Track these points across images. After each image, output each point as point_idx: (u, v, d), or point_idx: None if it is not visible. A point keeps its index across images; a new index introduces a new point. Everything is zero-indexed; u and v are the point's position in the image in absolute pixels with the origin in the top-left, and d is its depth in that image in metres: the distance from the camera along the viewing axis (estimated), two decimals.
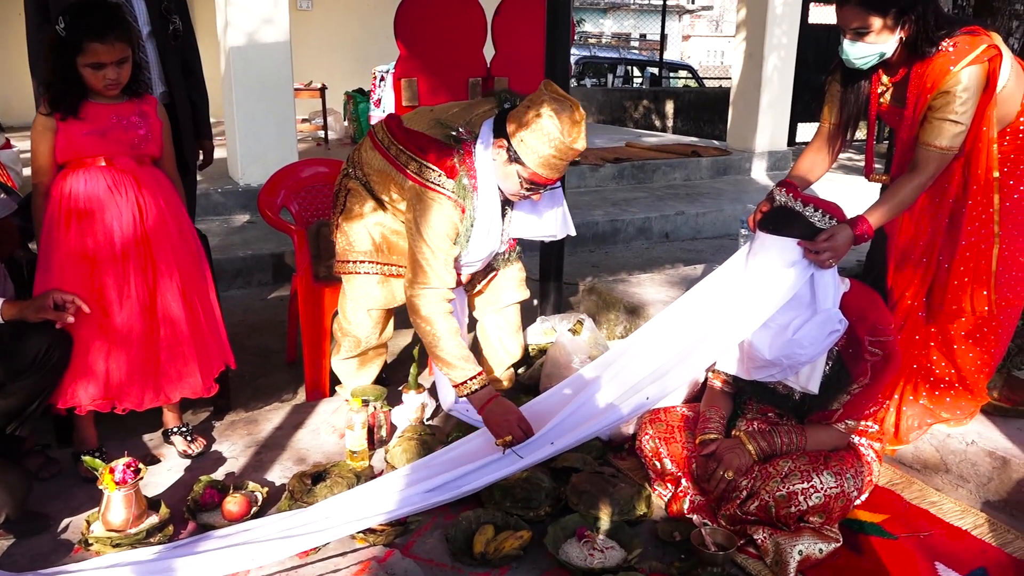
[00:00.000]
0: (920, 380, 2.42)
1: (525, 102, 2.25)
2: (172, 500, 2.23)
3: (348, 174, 2.63)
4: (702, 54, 33.94)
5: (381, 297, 2.64)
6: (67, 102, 2.23)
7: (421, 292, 2.36)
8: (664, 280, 3.84)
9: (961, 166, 2.22)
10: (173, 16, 2.85)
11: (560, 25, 3.25)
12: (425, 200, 2.34)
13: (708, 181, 7.07)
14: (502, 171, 2.30)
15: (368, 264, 2.60)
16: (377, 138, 2.54)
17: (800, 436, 2.16)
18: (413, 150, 2.39)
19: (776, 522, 2.04)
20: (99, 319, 2.25)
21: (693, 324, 2.33)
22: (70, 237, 2.25)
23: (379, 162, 2.50)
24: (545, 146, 2.17)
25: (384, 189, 2.51)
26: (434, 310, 2.36)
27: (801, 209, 2.13)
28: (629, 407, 2.34)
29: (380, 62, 7.49)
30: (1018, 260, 2.29)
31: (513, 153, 2.23)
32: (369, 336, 2.70)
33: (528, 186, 2.29)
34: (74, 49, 2.18)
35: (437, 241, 2.35)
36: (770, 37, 7.26)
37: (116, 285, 2.27)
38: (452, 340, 2.35)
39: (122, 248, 2.28)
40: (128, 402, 2.31)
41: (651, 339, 2.43)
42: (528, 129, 2.18)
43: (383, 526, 2.09)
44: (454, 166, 2.33)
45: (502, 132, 2.26)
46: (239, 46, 5.14)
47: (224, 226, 5.05)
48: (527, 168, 2.22)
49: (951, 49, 2.10)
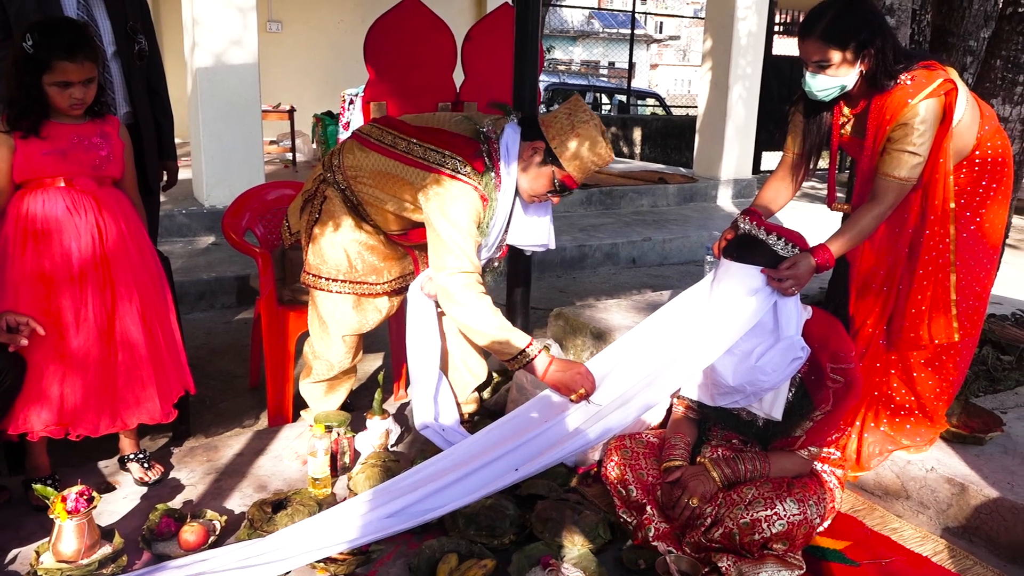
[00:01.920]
0: (881, 407, 2.45)
1: (561, 110, 2.37)
2: (127, 529, 2.17)
3: (326, 179, 2.56)
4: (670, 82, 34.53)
5: (355, 322, 2.61)
6: (30, 120, 2.19)
7: (453, 277, 2.33)
8: (631, 306, 3.86)
9: (919, 197, 2.27)
10: (139, 36, 2.83)
11: (529, 52, 3.28)
12: (450, 189, 2.33)
13: (675, 208, 7.16)
14: (533, 171, 2.37)
15: (340, 283, 2.56)
16: (371, 138, 2.48)
17: (764, 463, 2.17)
18: (436, 143, 2.38)
19: (740, 549, 2.04)
20: (55, 342, 2.19)
21: (659, 349, 2.34)
22: (26, 258, 2.20)
23: (376, 162, 2.44)
24: (586, 152, 2.31)
25: (380, 190, 2.44)
26: (470, 293, 2.33)
27: (764, 237, 2.16)
28: (595, 432, 2.34)
29: (349, 85, 7.51)
30: (974, 289, 2.34)
31: (551, 156, 2.32)
32: (342, 360, 2.67)
33: (555, 189, 2.38)
34: (41, 67, 2.14)
35: (464, 225, 2.33)
36: (735, 67, 7.41)
37: (73, 308, 2.22)
38: (495, 318, 2.33)
39: (80, 270, 2.23)
40: (83, 428, 2.25)
41: (617, 364, 2.43)
42: (571, 134, 2.31)
43: (344, 555, 2.05)
44: (483, 160, 2.36)
45: (536, 135, 2.35)
46: (207, 67, 5.12)
47: (188, 248, 4.99)
48: (562, 171, 2.33)
49: (909, 83, 2.15)
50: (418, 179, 2.38)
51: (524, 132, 2.39)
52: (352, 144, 2.53)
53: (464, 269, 2.34)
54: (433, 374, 2.69)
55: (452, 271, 2.33)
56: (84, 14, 2.69)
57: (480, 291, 2.36)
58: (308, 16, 9.75)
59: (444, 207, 2.33)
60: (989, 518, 2.19)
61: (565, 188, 2.39)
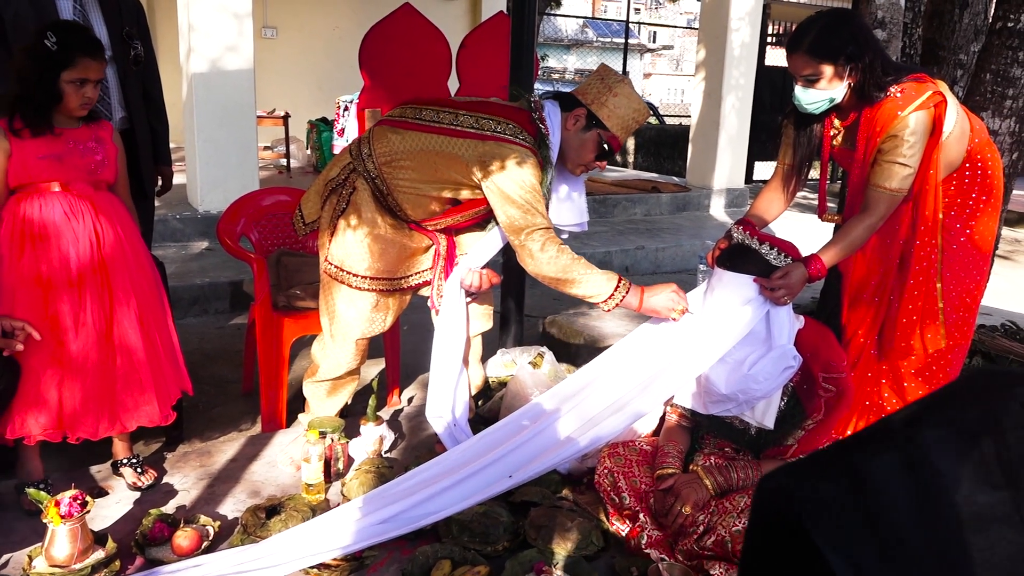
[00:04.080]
0: (872, 416, 2.47)
1: (592, 78, 2.44)
2: (120, 534, 2.17)
3: (355, 169, 2.50)
4: (663, 92, 34.71)
5: (375, 324, 2.60)
6: (44, 116, 2.22)
7: (532, 236, 2.32)
8: (624, 314, 3.88)
9: (910, 208, 2.30)
10: (135, 41, 2.84)
11: (524, 60, 3.30)
12: (514, 153, 2.32)
13: (668, 217, 7.19)
14: (578, 139, 2.42)
15: (362, 279, 2.52)
16: (406, 119, 2.43)
17: (756, 471, 2.18)
18: (488, 112, 2.39)
19: (733, 557, 2.04)
20: (53, 347, 2.20)
21: (651, 357, 2.35)
22: (23, 263, 2.20)
23: (417, 142, 2.39)
24: (626, 108, 2.38)
25: (420, 172, 2.40)
26: (552, 248, 2.31)
27: (757, 247, 2.18)
28: (587, 439, 2.34)
29: (344, 91, 7.52)
30: (964, 300, 2.36)
31: (594, 119, 2.38)
32: (351, 361, 2.65)
33: (601, 152, 2.44)
34: (63, 63, 2.20)
35: (532, 184, 2.33)
36: (728, 78, 7.45)
37: (72, 312, 2.22)
38: (579, 264, 2.32)
39: (78, 275, 2.24)
40: (83, 431, 2.25)
41: (610, 371, 2.44)
42: (609, 94, 2.38)
43: (337, 561, 2.05)
44: (536, 128, 2.39)
45: (574, 104, 2.42)
46: (202, 72, 5.12)
47: (182, 253, 4.98)
48: (607, 132, 2.39)
49: (899, 95, 2.17)
50: (471, 150, 2.34)
51: (562, 104, 2.44)
52: (383, 130, 2.47)
53: (541, 226, 2.33)
54: (456, 366, 2.66)
55: (530, 229, 2.32)
56: (80, 19, 2.70)
57: (560, 243, 2.35)
58: (303, 22, 9.76)
59: (509, 171, 2.32)
60: None
61: (610, 151, 2.44)
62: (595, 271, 2.34)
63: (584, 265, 2.34)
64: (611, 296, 2.33)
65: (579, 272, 2.33)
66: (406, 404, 3.25)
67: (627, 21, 14.36)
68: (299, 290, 2.96)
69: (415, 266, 2.63)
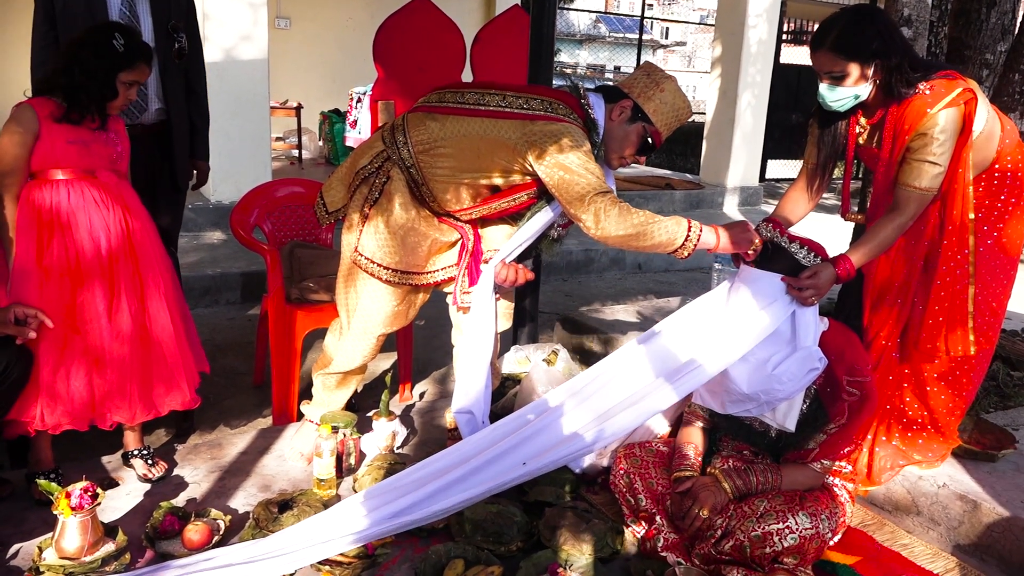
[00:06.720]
0: (893, 421, 2.42)
1: (638, 73, 2.46)
2: (130, 526, 2.15)
3: (389, 157, 2.43)
4: None
5: (399, 319, 2.56)
6: (101, 110, 2.29)
7: (595, 200, 2.26)
8: (638, 312, 3.84)
9: (937, 209, 2.25)
10: (180, 34, 2.82)
11: (544, 54, 3.27)
12: (567, 130, 2.29)
13: (681, 214, 7.13)
14: (622, 131, 2.41)
15: (392, 272, 2.46)
16: (445, 104, 2.37)
17: (776, 475, 2.15)
18: (537, 93, 2.38)
19: (750, 562, 2.01)
20: (76, 336, 2.20)
21: (672, 353, 2.31)
22: (52, 251, 2.21)
23: (459, 127, 2.32)
24: (671, 104, 2.39)
25: (460, 159, 2.34)
26: (615, 209, 2.25)
27: (787, 245, 2.14)
28: (603, 432, 2.29)
29: (357, 83, 7.49)
30: (990, 304, 2.31)
31: (640, 112, 2.38)
32: (368, 355, 2.59)
33: (643, 145, 2.44)
34: (126, 64, 2.29)
35: (585, 152, 2.29)
36: (744, 75, 7.38)
37: (105, 298, 2.25)
38: (646, 216, 2.27)
39: (110, 261, 2.27)
40: (119, 416, 2.29)
41: (627, 366, 2.41)
42: (656, 89, 2.39)
43: (349, 559, 2.03)
44: (585, 112, 2.39)
45: (620, 96, 2.41)
46: (216, 62, 5.09)
47: (193, 243, 4.97)
48: (651, 126, 2.39)
49: (928, 92, 2.12)
50: (518, 131, 2.29)
51: (606, 96, 2.44)
52: (420, 116, 2.39)
53: (602, 188, 2.28)
54: (485, 364, 2.61)
55: (592, 194, 2.26)
56: (127, 10, 2.71)
57: (621, 203, 2.30)
58: (317, 13, 9.73)
59: (564, 144, 2.27)
60: (1002, 537, 2.16)
61: (652, 146, 2.44)
62: (663, 219, 2.30)
63: (651, 216, 2.29)
64: (687, 239, 2.27)
65: (649, 224, 2.27)
66: (418, 399, 3.22)
67: (641, 16, 14.28)
68: (312, 283, 2.93)
69: (440, 261, 2.58)
